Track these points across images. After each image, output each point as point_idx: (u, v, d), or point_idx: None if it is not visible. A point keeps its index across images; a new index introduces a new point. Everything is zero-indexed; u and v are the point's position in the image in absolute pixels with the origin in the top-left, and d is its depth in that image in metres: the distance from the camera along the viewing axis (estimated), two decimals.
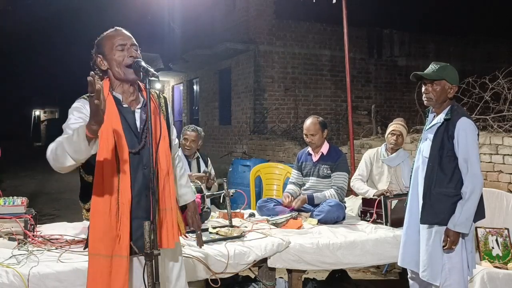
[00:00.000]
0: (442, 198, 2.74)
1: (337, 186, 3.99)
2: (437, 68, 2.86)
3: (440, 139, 2.79)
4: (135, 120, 2.15)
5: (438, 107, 2.88)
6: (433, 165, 2.79)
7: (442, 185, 2.75)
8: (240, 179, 7.02)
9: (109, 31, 2.19)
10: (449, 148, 2.74)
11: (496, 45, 13.84)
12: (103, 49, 2.14)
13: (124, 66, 2.10)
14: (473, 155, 2.70)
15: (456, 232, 2.68)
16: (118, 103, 2.13)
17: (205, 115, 14.60)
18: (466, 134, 2.71)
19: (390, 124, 4.30)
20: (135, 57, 2.11)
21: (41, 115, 41.77)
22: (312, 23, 12.00)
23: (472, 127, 2.75)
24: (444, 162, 2.76)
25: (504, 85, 5.48)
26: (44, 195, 10.08)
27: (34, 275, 2.41)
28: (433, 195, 2.77)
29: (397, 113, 11.96)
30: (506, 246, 3.42)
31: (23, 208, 3.08)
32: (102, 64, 2.14)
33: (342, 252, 3.23)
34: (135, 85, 2.19)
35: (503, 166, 4.53)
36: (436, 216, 2.76)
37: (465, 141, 2.70)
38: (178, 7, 14.61)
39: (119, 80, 2.14)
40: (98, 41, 2.18)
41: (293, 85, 11.91)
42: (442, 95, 2.84)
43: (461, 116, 2.77)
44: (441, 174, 2.76)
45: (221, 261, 2.90)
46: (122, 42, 2.13)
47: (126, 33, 2.18)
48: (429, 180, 2.80)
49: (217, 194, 3.86)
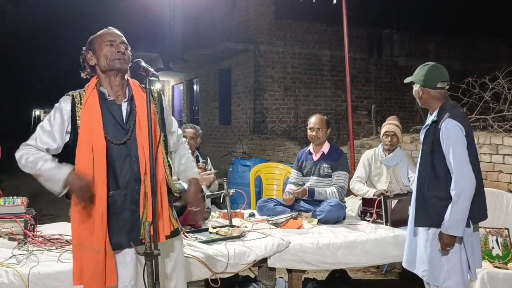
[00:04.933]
0: (435, 201, 2.71)
1: (338, 185, 3.99)
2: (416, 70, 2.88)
3: (430, 143, 2.75)
4: (120, 112, 2.19)
5: (429, 108, 2.85)
6: (425, 168, 2.76)
7: (435, 188, 2.71)
8: (240, 179, 7.02)
9: (102, 30, 2.26)
10: (439, 151, 2.70)
11: (496, 45, 13.83)
12: (94, 45, 2.21)
13: (111, 60, 2.15)
14: (458, 157, 2.62)
15: (449, 235, 2.64)
16: (103, 97, 2.18)
17: (205, 115, 14.59)
18: (449, 135, 2.64)
19: (384, 124, 4.28)
20: (123, 53, 2.17)
21: (41, 115, 41.71)
22: (312, 23, 11.99)
23: (454, 128, 2.65)
24: (436, 165, 2.72)
25: (504, 85, 5.48)
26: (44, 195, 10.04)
27: (34, 275, 2.41)
28: (426, 198, 2.74)
29: (397, 113, 11.91)
30: (506, 246, 3.42)
31: (23, 208, 3.09)
32: (91, 59, 2.21)
33: (342, 252, 3.23)
34: (123, 79, 2.23)
35: (503, 166, 4.53)
36: (430, 219, 2.73)
37: (448, 143, 2.64)
38: (178, 7, 14.62)
39: (105, 72, 2.19)
40: (90, 39, 2.25)
41: (293, 85, 11.91)
42: (419, 98, 2.85)
43: (447, 117, 2.69)
44: (433, 177, 2.73)
45: (221, 261, 2.90)
46: (112, 38, 2.20)
47: (117, 32, 2.24)
48: (422, 183, 2.77)
49: (217, 194, 3.86)
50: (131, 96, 2.22)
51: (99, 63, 2.18)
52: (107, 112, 2.15)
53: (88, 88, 2.19)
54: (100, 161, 2.08)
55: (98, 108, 2.14)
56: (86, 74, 2.26)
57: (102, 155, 2.09)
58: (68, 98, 2.18)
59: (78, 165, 2.09)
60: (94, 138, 2.09)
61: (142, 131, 2.14)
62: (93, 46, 2.20)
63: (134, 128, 2.16)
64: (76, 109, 2.14)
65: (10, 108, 35.18)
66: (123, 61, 2.17)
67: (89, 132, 2.09)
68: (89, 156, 2.08)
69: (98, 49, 2.18)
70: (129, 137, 2.15)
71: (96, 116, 2.12)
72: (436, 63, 2.89)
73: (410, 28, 12.79)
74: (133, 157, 2.15)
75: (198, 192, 2.42)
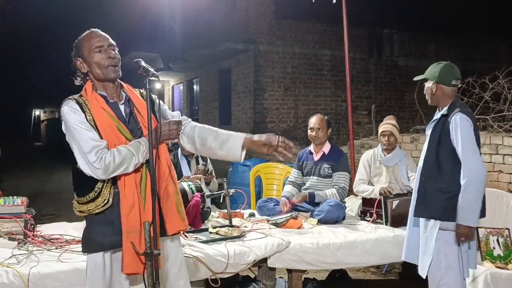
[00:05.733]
0: (435, 193, 2.76)
1: (338, 186, 3.99)
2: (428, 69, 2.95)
3: (437, 135, 2.81)
4: (122, 113, 2.20)
5: (439, 104, 2.92)
6: (429, 160, 2.82)
7: (437, 180, 2.77)
8: (240, 179, 7.01)
9: (85, 33, 2.21)
10: (446, 144, 2.76)
11: (496, 45, 13.83)
12: (82, 51, 2.17)
13: (104, 67, 2.13)
14: (467, 146, 2.69)
15: (464, 226, 2.67)
16: (105, 99, 2.17)
17: (205, 115, 14.60)
18: (459, 127, 2.71)
19: (380, 124, 4.29)
20: (113, 57, 2.16)
21: (41, 115, 41.74)
22: (312, 23, 11.99)
23: (465, 121, 2.73)
24: (441, 158, 2.78)
25: (504, 85, 5.48)
26: (44, 195, 10.07)
27: (34, 275, 2.41)
28: (427, 190, 2.80)
29: (397, 113, 11.95)
30: (507, 246, 3.41)
31: (23, 208, 3.08)
32: (82, 67, 2.19)
33: (342, 252, 3.23)
34: (117, 83, 2.22)
35: (503, 166, 4.53)
36: (429, 210, 2.79)
37: (457, 134, 2.71)
38: (178, 7, 14.63)
39: (100, 81, 2.18)
40: (76, 44, 2.20)
41: (293, 85, 11.91)
42: (431, 94, 2.91)
43: (457, 111, 2.77)
44: (436, 169, 2.78)
45: (221, 261, 2.90)
46: (99, 44, 2.16)
47: (103, 34, 2.20)
48: (425, 174, 2.83)
49: (217, 194, 3.86)
50: (128, 98, 2.23)
51: (92, 71, 2.16)
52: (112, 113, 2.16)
53: (86, 93, 2.16)
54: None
55: (110, 110, 2.14)
56: (80, 81, 2.22)
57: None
58: (70, 101, 2.12)
59: None
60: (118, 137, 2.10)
61: (145, 130, 2.14)
62: (81, 52, 2.16)
63: (134, 128, 2.17)
64: (83, 108, 2.10)
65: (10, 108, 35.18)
66: (117, 68, 2.16)
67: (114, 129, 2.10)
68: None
69: (88, 56, 2.14)
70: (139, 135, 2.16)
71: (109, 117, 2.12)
72: (449, 62, 2.98)
73: (410, 28, 12.79)
74: None
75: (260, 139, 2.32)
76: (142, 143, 2.08)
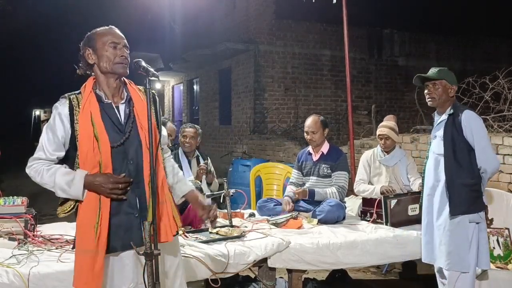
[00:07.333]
0: (463, 189, 2.94)
1: (338, 185, 3.99)
2: (436, 70, 3.12)
3: (450, 134, 2.98)
4: (117, 115, 2.16)
5: (441, 106, 3.10)
6: (449, 159, 2.98)
7: (461, 176, 2.94)
8: (240, 179, 7.02)
9: (103, 28, 2.20)
10: (460, 140, 2.95)
11: (496, 45, 13.83)
12: (95, 43, 2.15)
13: (114, 63, 2.12)
14: (483, 141, 2.94)
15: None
16: (99, 100, 2.14)
17: (205, 115, 14.59)
18: (472, 121, 2.94)
19: (379, 126, 4.29)
20: (126, 57, 2.15)
21: (41, 115, 41.70)
22: (312, 23, 11.99)
23: (476, 117, 2.99)
24: (458, 155, 2.95)
25: (504, 85, 5.48)
26: (44, 195, 10.05)
27: (34, 275, 2.41)
28: (455, 187, 2.96)
29: (397, 113, 11.95)
30: (507, 246, 3.42)
31: (23, 208, 3.08)
32: (90, 57, 2.16)
33: (342, 252, 3.23)
34: (120, 81, 2.20)
35: (503, 166, 4.52)
36: (464, 207, 2.93)
37: (470, 128, 2.93)
38: (178, 7, 14.60)
39: (104, 73, 2.15)
40: (90, 35, 2.19)
41: (293, 85, 11.91)
42: (443, 95, 3.08)
43: (466, 109, 3.02)
44: (458, 166, 2.96)
45: (221, 261, 2.89)
46: (116, 40, 2.15)
47: (120, 34, 2.20)
48: (449, 173, 2.98)
49: (217, 194, 3.86)
50: (129, 98, 2.20)
51: (99, 64, 2.14)
52: (104, 115, 2.12)
53: (85, 90, 2.14)
54: (107, 165, 2.06)
55: (98, 112, 2.10)
56: (82, 71, 2.20)
57: (108, 159, 2.06)
58: (65, 101, 2.12)
59: (84, 168, 2.06)
60: (100, 142, 2.06)
61: (142, 132, 2.12)
62: (94, 43, 2.14)
63: (132, 130, 2.14)
64: (74, 112, 2.10)
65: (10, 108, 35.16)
66: (126, 65, 2.15)
67: (91, 136, 2.05)
68: (96, 160, 2.05)
69: (101, 49, 2.13)
70: (125, 139, 2.12)
71: (97, 120, 2.08)
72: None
73: (410, 28, 12.79)
74: (130, 159, 2.12)
75: (200, 205, 2.39)
76: (75, 182, 2.03)
